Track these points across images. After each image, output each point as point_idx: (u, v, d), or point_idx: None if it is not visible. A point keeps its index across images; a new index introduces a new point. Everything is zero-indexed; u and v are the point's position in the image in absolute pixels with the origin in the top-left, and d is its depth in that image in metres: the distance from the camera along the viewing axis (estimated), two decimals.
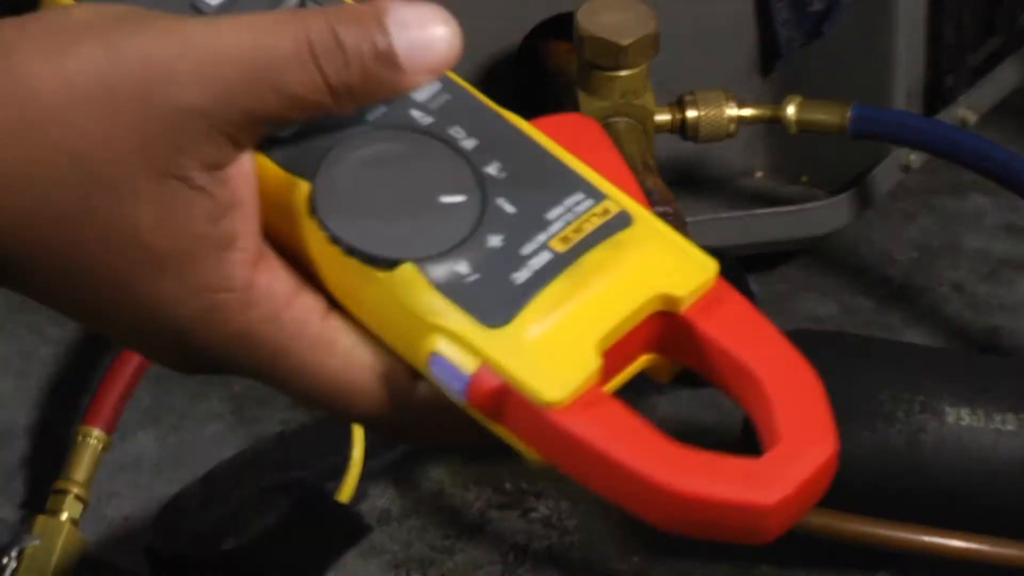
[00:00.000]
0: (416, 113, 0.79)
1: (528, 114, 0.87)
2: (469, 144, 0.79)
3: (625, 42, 1.22)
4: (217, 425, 1.29)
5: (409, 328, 0.77)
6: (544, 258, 0.77)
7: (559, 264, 0.77)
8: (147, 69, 0.78)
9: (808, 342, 1.03)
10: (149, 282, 0.78)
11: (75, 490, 1.16)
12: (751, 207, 1.34)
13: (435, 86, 0.80)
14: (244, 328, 0.79)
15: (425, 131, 0.79)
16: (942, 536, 1.16)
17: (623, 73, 1.23)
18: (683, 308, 0.77)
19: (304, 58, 0.77)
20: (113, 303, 0.79)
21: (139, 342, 0.81)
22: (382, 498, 1.26)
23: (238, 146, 0.78)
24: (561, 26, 1.28)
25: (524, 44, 1.30)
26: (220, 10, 0.82)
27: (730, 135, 1.28)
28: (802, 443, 0.77)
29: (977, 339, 1.33)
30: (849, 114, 1.26)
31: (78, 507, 1.16)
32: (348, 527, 1.21)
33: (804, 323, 1.31)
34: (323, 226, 0.77)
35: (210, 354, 0.80)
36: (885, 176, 1.33)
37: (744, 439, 1.19)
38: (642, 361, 0.79)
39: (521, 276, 0.76)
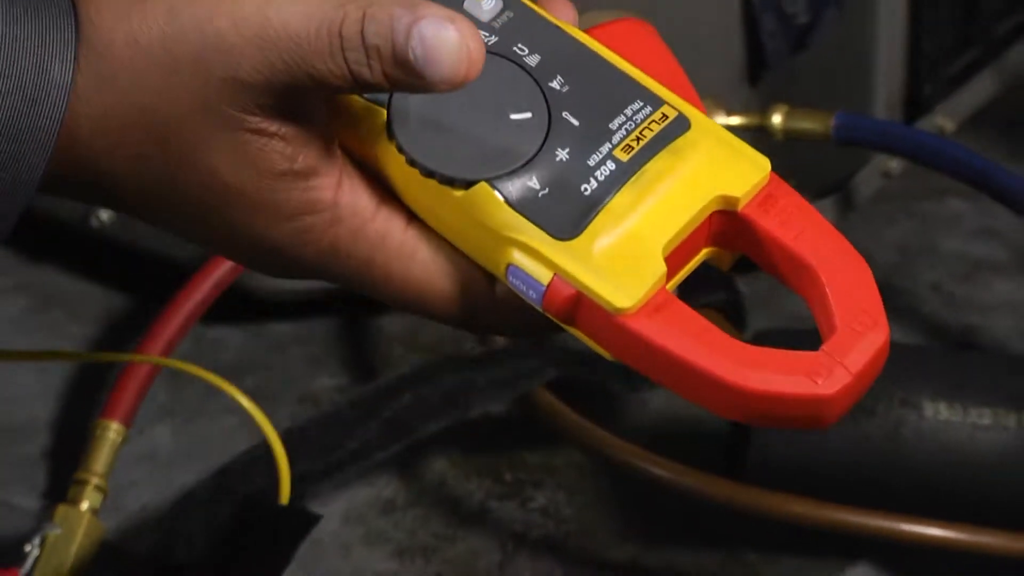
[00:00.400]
0: (482, 32, 0.78)
1: None
2: (532, 60, 0.79)
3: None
4: (231, 419, 1.29)
5: (487, 242, 0.78)
6: (609, 168, 0.78)
7: (624, 173, 0.78)
8: (203, 39, 0.79)
9: (792, 340, 1.04)
10: (241, 212, 0.81)
11: (94, 481, 1.17)
12: None
13: (497, 5, 0.81)
14: (333, 242, 0.80)
15: (490, 50, 0.79)
16: (921, 524, 1.16)
17: None
18: (741, 206, 0.78)
19: (334, 49, 0.78)
20: (212, 228, 0.82)
21: (240, 257, 0.83)
22: (387, 488, 1.27)
23: (299, 102, 0.79)
24: None
25: None
26: None
27: None
28: (857, 332, 0.78)
29: (954, 337, 1.34)
30: (833, 122, 1.27)
31: (98, 497, 1.17)
32: (294, 522, 1.19)
33: (788, 322, 1.32)
34: (401, 149, 0.77)
35: (305, 265, 0.82)
36: (867, 181, 1.35)
37: (732, 431, 1.23)
38: (704, 254, 0.80)
39: (589, 187, 0.77)
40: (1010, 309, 1.37)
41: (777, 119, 1.29)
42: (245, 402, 1.15)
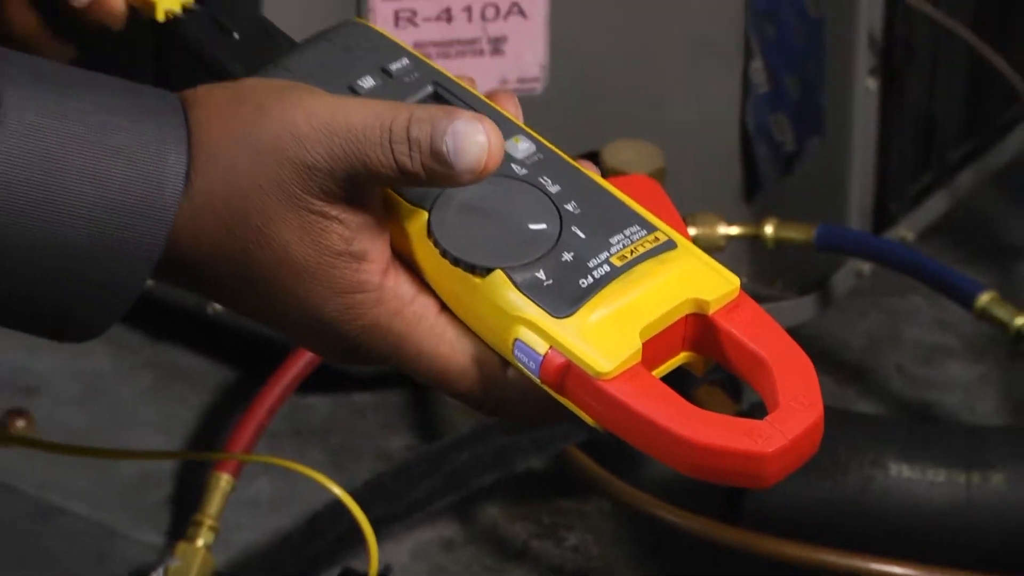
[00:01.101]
0: (515, 166, 0.80)
1: None
2: (553, 188, 0.80)
3: (639, 173, 1.23)
4: (321, 469, 1.24)
5: (499, 321, 0.78)
6: (604, 269, 0.78)
7: (615, 273, 0.78)
8: (282, 127, 0.79)
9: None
10: (301, 286, 0.80)
11: (208, 522, 1.18)
12: None
13: (531, 147, 0.82)
14: (374, 320, 0.79)
15: (520, 179, 0.80)
16: (885, 563, 1.16)
17: None
18: (711, 311, 0.78)
19: (384, 142, 0.78)
20: (278, 301, 0.81)
21: (296, 334, 0.82)
22: (447, 529, 1.26)
23: (357, 191, 0.79)
24: (593, 159, 1.27)
25: None
26: (370, 93, 0.83)
27: (720, 248, 1.29)
28: (795, 409, 0.78)
29: (914, 410, 1.33)
30: (815, 233, 1.27)
31: (211, 535, 1.17)
32: None
33: None
34: (436, 244, 0.78)
35: (349, 339, 0.80)
36: (843, 281, 1.33)
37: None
38: (681, 357, 0.80)
39: (585, 282, 0.78)
40: (960, 388, 1.35)
41: (769, 229, 1.29)
42: (320, 477, 1.15)
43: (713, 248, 1.29)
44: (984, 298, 1.22)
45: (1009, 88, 1.32)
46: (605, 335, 0.78)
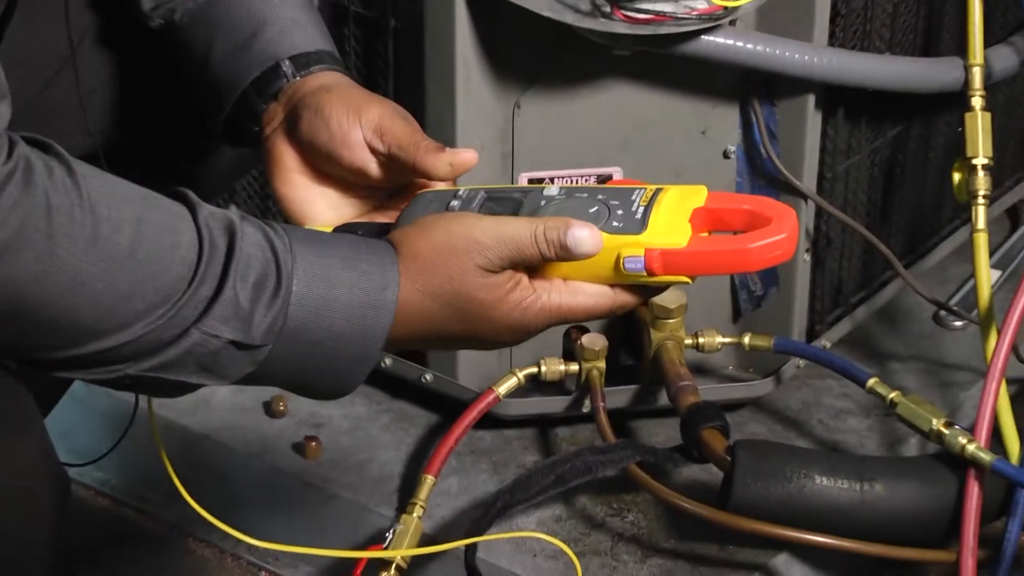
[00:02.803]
0: (559, 189, 0.80)
1: None
2: (585, 193, 0.80)
3: (672, 307, 1.22)
4: (487, 479, 1.28)
5: (608, 256, 0.78)
6: (641, 208, 0.78)
7: (648, 208, 0.78)
8: (467, 242, 0.77)
9: (752, 445, 1.19)
10: (493, 321, 0.78)
11: (419, 503, 1.16)
12: (727, 383, 1.30)
13: (560, 187, 0.81)
14: (532, 303, 0.78)
15: (572, 194, 0.80)
16: (814, 535, 1.15)
17: (671, 321, 1.23)
18: (703, 204, 0.79)
19: (534, 244, 0.78)
20: (474, 326, 0.78)
21: (488, 341, 0.80)
22: (557, 510, 1.26)
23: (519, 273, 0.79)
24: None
25: None
26: (528, 209, 0.79)
27: (717, 350, 1.27)
28: (783, 215, 0.79)
29: (829, 445, 1.31)
30: (773, 342, 1.26)
31: (421, 511, 1.15)
32: None
33: (749, 436, 1.30)
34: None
35: (522, 326, 0.78)
36: (788, 370, 1.32)
37: (722, 489, 1.17)
38: (708, 232, 0.80)
39: (637, 216, 0.78)
40: (855, 433, 1.32)
41: (747, 339, 1.27)
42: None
43: (713, 350, 1.26)
44: (871, 381, 1.20)
45: (885, 257, 1.30)
46: (668, 231, 0.78)
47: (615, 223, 0.79)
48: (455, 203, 0.81)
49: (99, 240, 0.69)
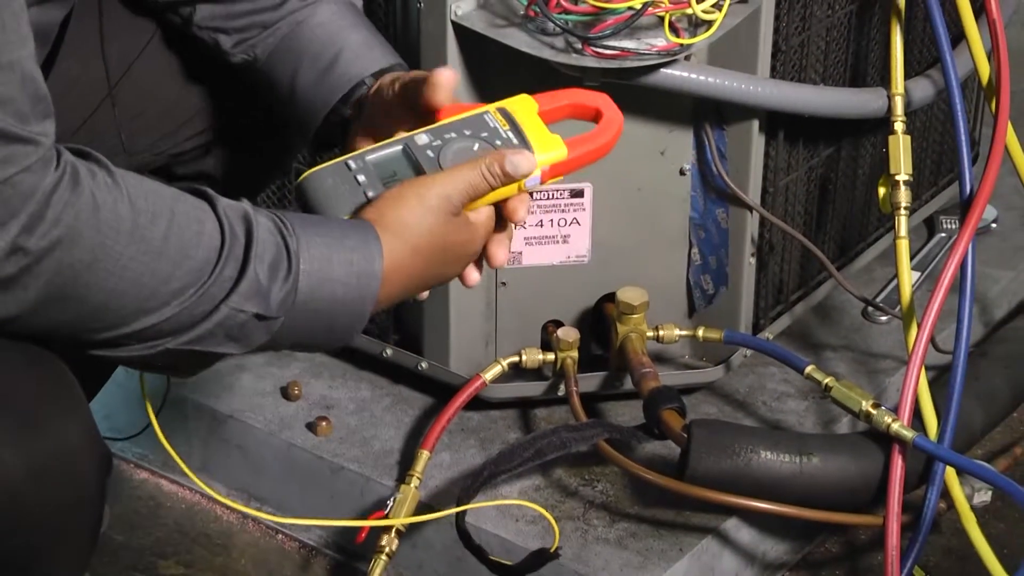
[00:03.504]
0: (447, 134, 0.80)
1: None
2: (458, 134, 0.80)
3: (636, 304, 1.22)
4: (476, 454, 1.26)
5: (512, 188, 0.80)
6: (511, 132, 0.80)
7: (514, 128, 0.80)
8: (439, 199, 0.78)
9: (706, 424, 1.18)
10: (459, 256, 0.80)
11: (416, 474, 1.15)
12: (683, 370, 1.29)
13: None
14: (477, 225, 0.80)
15: (455, 136, 0.80)
16: (759, 502, 1.15)
17: (635, 316, 1.22)
18: (540, 109, 0.81)
19: (483, 180, 0.80)
20: (443, 274, 0.80)
21: (446, 277, 0.81)
22: (536, 480, 1.23)
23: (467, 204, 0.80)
24: (611, 298, 1.24)
25: (597, 304, 1.27)
26: (428, 165, 0.80)
27: (675, 341, 1.26)
28: (608, 107, 0.82)
29: (772, 424, 1.29)
30: (723, 334, 1.25)
31: (417, 481, 1.15)
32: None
33: (703, 416, 1.28)
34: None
35: (470, 247, 0.80)
36: (736, 359, 1.29)
37: (680, 461, 1.15)
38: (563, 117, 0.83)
39: (515, 138, 0.80)
40: (795, 413, 1.30)
41: (700, 332, 1.26)
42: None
43: (671, 341, 1.25)
44: (808, 368, 1.18)
45: (820, 260, 1.28)
46: (547, 145, 0.81)
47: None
48: (361, 177, 0.80)
49: (139, 230, 0.71)
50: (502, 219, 0.83)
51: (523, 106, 0.82)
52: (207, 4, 0.93)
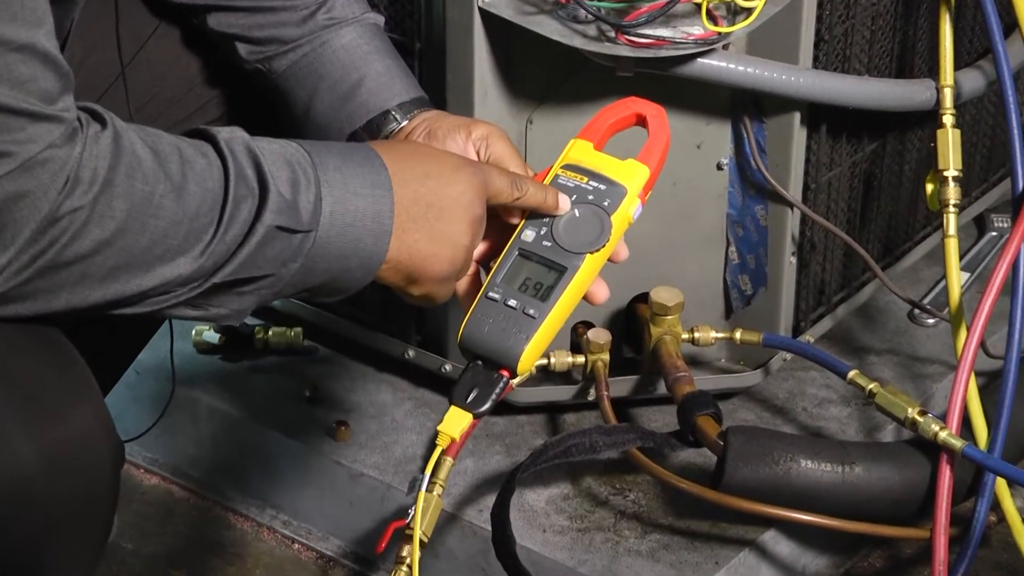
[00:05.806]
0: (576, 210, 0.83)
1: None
2: (578, 202, 0.84)
3: (670, 304, 1.22)
4: (500, 459, 1.27)
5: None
6: (602, 182, 0.81)
7: (601, 179, 0.81)
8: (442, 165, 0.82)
9: (743, 431, 1.18)
10: (463, 207, 0.80)
11: (439, 481, 1.08)
12: (719, 374, 1.30)
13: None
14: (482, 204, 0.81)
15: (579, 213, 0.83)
16: (799, 513, 1.14)
17: (669, 317, 1.22)
18: (595, 144, 0.83)
19: (508, 185, 0.82)
20: (445, 227, 0.80)
21: (460, 237, 0.81)
22: (565, 488, 1.24)
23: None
24: (644, 299, 1.25)
25: (629, 305, 1.28)
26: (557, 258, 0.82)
27: (711, 344, 1.26)
28: (655, 116, 0.84)
29: (813, 431, 1.30)
30: (762, 337, 1.25)
31: (440, 489, 1.07)
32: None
33: (740, 423, 1.28)
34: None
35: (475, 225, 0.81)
36: (775, 362, 1.31)
37: (716, 470, 1.16)
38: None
39: (607, 186, 0.81)
40: (837, 420, 1.30)
41: (738, 334, 1.25)
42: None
43: (707, 344, 1.25)
44: (851, 373, 1.18)
45: (864, 260, 1.29)
46: (632, 176, 0.81)
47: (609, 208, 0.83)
48: (512, 302, 0.82)
49: (159, 168, 0.73)
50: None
51: (581, 151, 0.83)
52: (224, 12, 0.93)
